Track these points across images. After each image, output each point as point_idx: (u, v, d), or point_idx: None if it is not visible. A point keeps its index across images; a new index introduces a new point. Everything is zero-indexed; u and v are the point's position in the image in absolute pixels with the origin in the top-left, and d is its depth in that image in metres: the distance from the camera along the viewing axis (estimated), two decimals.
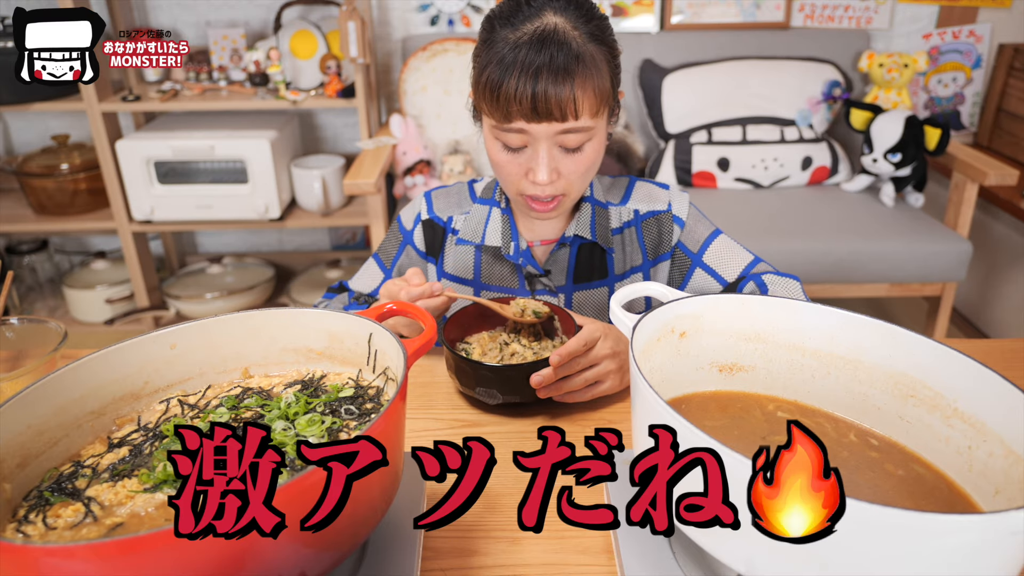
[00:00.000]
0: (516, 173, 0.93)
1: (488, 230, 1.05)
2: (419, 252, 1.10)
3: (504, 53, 0.87)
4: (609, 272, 1.06)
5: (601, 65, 0.88)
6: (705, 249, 1.05)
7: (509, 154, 0.92)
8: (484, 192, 1.09)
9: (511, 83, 0.85)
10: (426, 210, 1.09)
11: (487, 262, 1.07)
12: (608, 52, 0.90)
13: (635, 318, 0.63)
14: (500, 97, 0.87)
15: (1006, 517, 0.42)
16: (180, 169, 2.33)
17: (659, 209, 1.06)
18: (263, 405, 0.65)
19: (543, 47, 0.85)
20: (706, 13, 2.59)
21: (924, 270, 2.11)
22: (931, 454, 0.64)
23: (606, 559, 0.67)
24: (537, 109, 0.86)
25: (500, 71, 0.86)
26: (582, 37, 0.87)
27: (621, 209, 1.06)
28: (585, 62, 0.86)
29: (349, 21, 2.15)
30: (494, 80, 0.87)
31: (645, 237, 1.06)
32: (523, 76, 0.85)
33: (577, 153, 0.91)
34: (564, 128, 0.88)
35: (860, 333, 0.67)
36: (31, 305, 2.67)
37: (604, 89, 0.89)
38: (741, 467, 0.44)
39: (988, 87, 2.63)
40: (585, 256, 1.05)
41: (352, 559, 0.62)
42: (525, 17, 0.88)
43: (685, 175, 2.41)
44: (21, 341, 0.95)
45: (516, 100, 0.86)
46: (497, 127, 0.90)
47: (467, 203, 1.09)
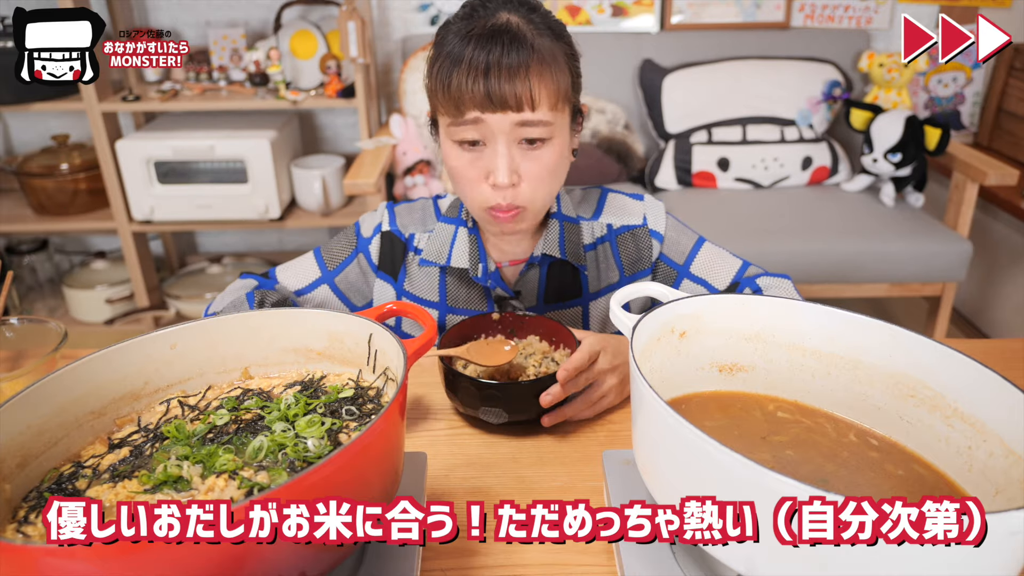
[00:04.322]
0: (475, 179, 0.88)
1: (454, 251, 1.00)
2: (371, 263, 1.04)
3: (455, 45, 0.84)
4: (583, 291, 1.02)
5: (560, 60, 0.86)
6: (692, 260, 1.02)
7: (467, 156, 0.88)
8: (449, 210, 1.03)
9: (463, 70, 0.82)
10: (388, 222, 1.03)
11: (453, 284, 1.02)
12: (566, 49, 0.88)
13: (635, 318, 0.63)
14: (452, 86, 0.83)
15: (1006, 517, 0.42)
16: (180, 169, 2.33)
17: (634, 223, 1.02)
18: (263, 407, 0.65)
19: (495, 35, 0.82)
20: (706, 13, 2.59)
21: (924, 270, 2.11)
22: (931, 454, 0.63)
23: (606, 559, 0.67)
24: (491, 95, 0.82)
25: (451, 62, 0.83)
26: (537, 31, 0.85)
27: (593, 224, 1.02)
28: (541, 53, 0.83)
29: (349, 21, 2.15)
30: (446, 70, 0.84)
31: (621, 253, 1.02)
32: (476, 61, 0.82)
33: (537, 151, 0.87)
34: (521, 119, 0.84)
35: (860, 333, 0.67)
36: (31, 305, 2.67)
37: (563, 84, 0.86)
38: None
39: (988, 87, 2.63)
40: (556, 275, 1.00)
41: (352, 559, 0.62)
42: (479, 18, 0.85)
43: (685, 175, 2.41)
44: (21, 341, 0.95)
45: (469, 89, 0.82)
46: (453, 124, 0.86)
47: (431, 221, 1.03)
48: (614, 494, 0.70)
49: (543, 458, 0.82)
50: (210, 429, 0.62)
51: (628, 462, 0.73)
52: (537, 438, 0.85)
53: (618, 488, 0.70)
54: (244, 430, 0.62)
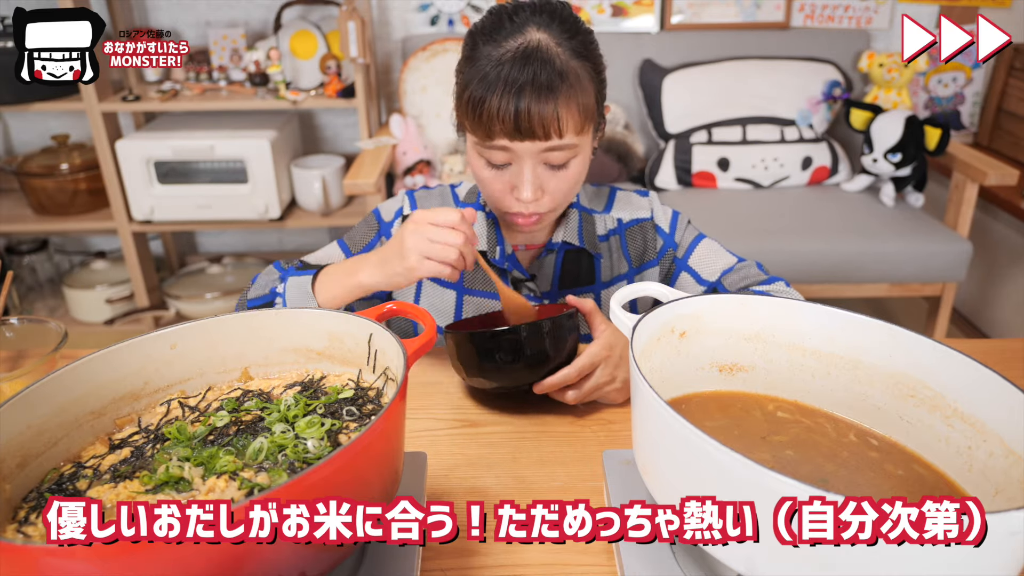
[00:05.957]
0: (500, 190, 0.92)
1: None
2: None
3: (487, 71, 0.85)
4: (596, 278, 1.05)
5: (585, 82, 0.87)
6: (690, 253, 1.05)
7: (493, 171, 0.91)
8: (468, 196, 1.07)
9: (493, 101, 0.84)
10: (409, 207, 1.06)
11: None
12: (592, 68, 0.89)
13: (635, 318, 0.63)
14: (483, 115, 0.85)
15: (1006, 517, 0.42)
16: (180, 169, 2.33)
17: (642, 216, 1.06)
18: (263, 408, 0.65)
19: (526, 64, 0.84)
20: (706, 13, 2.59)
21: (924, 270, 2.11)
22: (931, 454, 0.64)
23: (606, 559, 0.67)
24: (520, 128, 0.85)
25: (482, 89, 0.85)
26: (565, 54, 0.86)
27: (606, 217, 1.06)
28: (569, 79, 0.85)
29: (349, 21, 2.15)
30: (476, 98, 0.86)
31: (629, 245, 1.06)
32: (506, 94, 0.84)
33: (562, 170, 0.90)
34: (548, 146, 0.87)
35: (860, 333, 0.67)
36: (31, 305, 2.67)
37: (588, 106, 0.88)
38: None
39: (988, 87, 2.63)
40: (571, 262, 1.04)
41: (352, 559, 0.62)
42: (508, 33, 0.86)
43: (685, 175, 2.41)
44: (21, 341, 0.95)
45: (499, 119, 0.85)
46: (480, 144, 0.89)
47: (450, 206, 1.06)
48: (614, 494, 0.70)
49: (543, 458, 0.82)
50: (210, 431, 0.62)
51: (628, 462, 0.73)
52: (537, 438, 0.85)
53: (618, 488, 0.70)
54: (244, 432, 0.62)
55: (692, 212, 2.17)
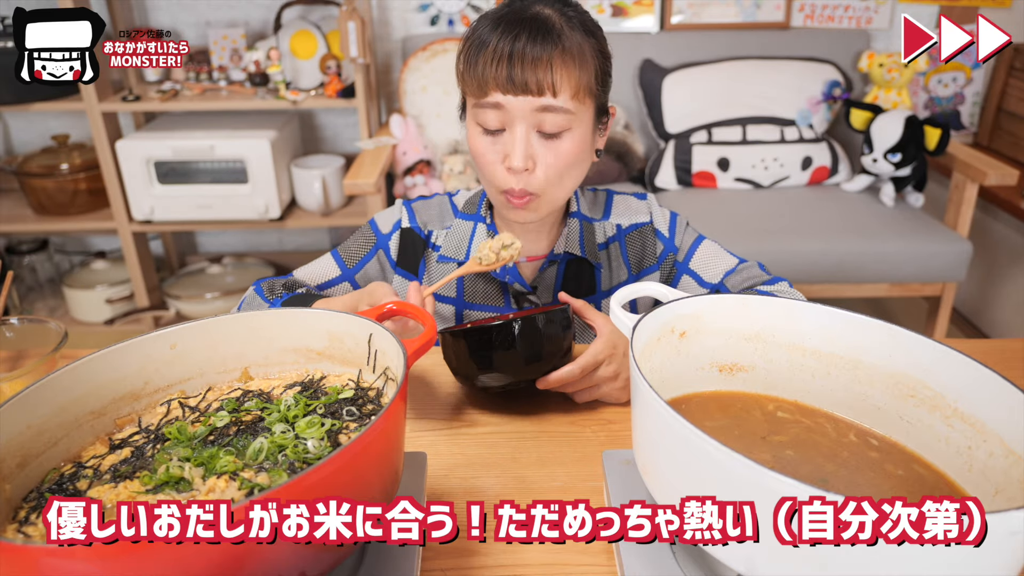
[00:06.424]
0: (493, 161, 0.90)
1: (473, 247, 1.01)
2: (390, 260, 1.05)
3: (485, 29, 0.87)
4: (597, 288, 1.04)
5: (586, 54, 0.87)
6: (691, 256, 1.04)
7: (487, 139, 0.90)
8: (467, 207, 1.04)
9: (489, 52, 0.85)
10: (407, 219, 1.04)
11: (470, 279, 1.03)
12: (596, 46, 0.89)
13: (635, 318, 0.63)
14: (478, 64, 0.86)
15: (1006, 517, 0.42)
16: (180, 169, 2.33)
17: (641, 221, 1.05)
18: (263, 408, 0.65)
19: (524, 23, 0.85)
20: (706, 13, 2.59)
21: (924, 270, 2.11)
22: (931, 454, 0.64)
23: (606, 559, 0.67)
24: (513, 78, 0.84)
25: (478, 44, 0.86)
26: (569, 24, 0.86)
27: (604, 224, 1.05)
28: (567, 44, 0.85)
29: (349, 21, 2.15)
30: (473, 52, 0.87)
31: (629, 252, 1.05)
32: (501, 45, 0.84)
33: (555, 141, 0.88)
34: (541, 105, 0.85)
35: (860, 333, 0.67)
36: (31, 305, 2.67)
37: (587, 76, 0.87)
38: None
39: (988, 87, 2.63)
40: (573, 273, 1.03)
41: (352, 559, 0.62)
42: (515, 9, 0.87)
43: (685, 175, 2.41)
44: (21, 341, 0.95)
45: (493, 70, 0.85)
46: (476, 106, 0.89)
47: (449, 217, 1.05)
48: (614, 494, 0.70)
49: (543, 458, 0.82)
50: (211, 431, 0.62)
51: (628, 462, 0.73)
52: (537, 438, 0.85)
53: (618, 488, 0.70)
54: (244, 432, 0.62)
55: (692, 212, 2.19)
